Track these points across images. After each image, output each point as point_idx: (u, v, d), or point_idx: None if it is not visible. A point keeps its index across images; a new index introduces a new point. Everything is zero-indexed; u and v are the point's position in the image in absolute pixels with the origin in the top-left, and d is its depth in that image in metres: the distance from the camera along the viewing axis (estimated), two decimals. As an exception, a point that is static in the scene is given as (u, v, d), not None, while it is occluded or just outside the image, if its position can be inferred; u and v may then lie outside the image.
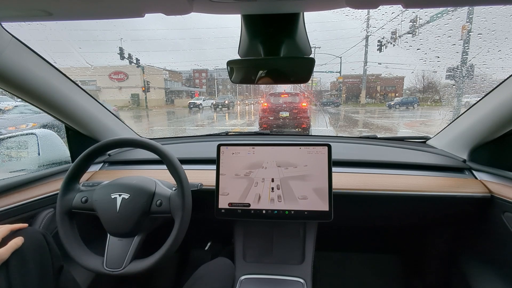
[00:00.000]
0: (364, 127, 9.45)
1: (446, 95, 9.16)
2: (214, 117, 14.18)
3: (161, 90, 28.74)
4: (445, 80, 9.65)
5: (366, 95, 30.16)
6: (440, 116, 9.85)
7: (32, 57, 0.79)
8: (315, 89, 34.52)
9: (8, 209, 0.79)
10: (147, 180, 0.80)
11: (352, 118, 12.75)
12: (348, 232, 1.41)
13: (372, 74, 34.52)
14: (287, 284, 0.87)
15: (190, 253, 1.48)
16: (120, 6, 0.44)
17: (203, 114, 17.00)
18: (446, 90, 9.28)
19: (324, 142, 0.85)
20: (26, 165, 1.12)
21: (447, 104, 6.33)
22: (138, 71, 22.53)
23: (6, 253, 0.58)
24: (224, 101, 19.56)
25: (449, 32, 2.26)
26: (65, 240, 0.73)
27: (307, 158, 0.84)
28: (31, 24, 0.73)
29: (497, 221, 0.85)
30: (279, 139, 1.29)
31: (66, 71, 0.92)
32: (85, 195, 0.76)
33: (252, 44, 0.63)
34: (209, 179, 0.89)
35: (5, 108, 6.74)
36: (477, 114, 0.93)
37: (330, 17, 66.32)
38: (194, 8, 0.45)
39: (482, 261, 0.95)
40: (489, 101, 0.89)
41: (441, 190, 0.90)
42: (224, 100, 19.84)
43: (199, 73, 55.38)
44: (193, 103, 20.59)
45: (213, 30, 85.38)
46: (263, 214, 0.84)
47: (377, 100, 33.92)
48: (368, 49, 14.64)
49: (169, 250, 0.70)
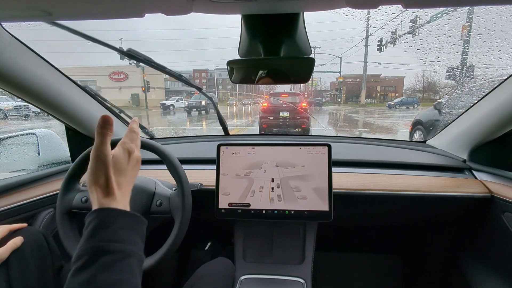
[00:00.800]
0: (364, 127, 9.44)
1: (446, 95, 9.17)
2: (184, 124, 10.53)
3: (161, 90, 28.76)
4: (445, 80, 9.66)
5: (366, 95, 30.17)
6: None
7: (32, 57, 0.79)
8: (315, 89, 34.51)
9: (8, 209, 0.79)
10: (147, 180, 0.80)
11: (352, 118, 12.75)
12: (348, 232, 1.41)
13: (372, 74, 34.56)
14: (287, 284, 0.87)
15: (190, 253, 1.48)
16: (120, 6, 0.44)
17: (174, 117, 13.98)
18: (446, 90, 9.29)
19: (324, 142, 0.85)
20: (26, 165, 1.11)
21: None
22: (138, 71, 22.53)
23: (5, 253, 0.58)
24: (200, 102, 13.86)
25: (449, 32, 2.26)
26: (65, 240, 0.73)
27: (307, 158, 0.84)
28: (31, 24, 0.73)
29: (497, 221, 0.85)
30: (279, 139, 1.30)
31: (66, 71, 0.93)
32: (85, 195, 0.76)
33: (252, 44, 0.63)
34: (209, 179, 0.89)
35: (5, 108, 6.75)
36: (477, 114, 0.94)
37: (330, 17, 66.36)
38: (194, 8, 0.45)
39: (482, 261, 0.95)
40: (489, 101, 0.89)
41: (441, 190, 0.90)
42: (199, 100, 13.90)
43: (199, 73, 55.38)
44: (163, 103, 17.11)
45: (213, 30, 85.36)
46: (263, 214, 0.84)
47: (377, 100, 33.93)
48: (368, 49, 14.65)
49: (169, 250, 0.70)
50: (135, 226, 0.43)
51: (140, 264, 0.41)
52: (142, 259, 0.42)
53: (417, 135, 4.43)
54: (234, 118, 12.32)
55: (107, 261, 0.36)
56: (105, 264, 0.36)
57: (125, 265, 0.38)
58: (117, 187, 0.44)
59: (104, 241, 0.38)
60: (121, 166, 0.46)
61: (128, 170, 0.48)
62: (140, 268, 0.41)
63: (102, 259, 0.36)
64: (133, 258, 0.39)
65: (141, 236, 0.44)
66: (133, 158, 0.49)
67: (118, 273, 0.36)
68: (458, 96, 4.22)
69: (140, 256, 0.42)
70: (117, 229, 0.40)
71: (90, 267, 0.36)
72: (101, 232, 0.38)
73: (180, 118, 13.51)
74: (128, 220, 0.42)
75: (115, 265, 0.37)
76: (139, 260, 0.41)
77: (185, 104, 15.32)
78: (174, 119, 13.26)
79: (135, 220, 0.44)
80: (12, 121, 6.73)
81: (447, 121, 1.13)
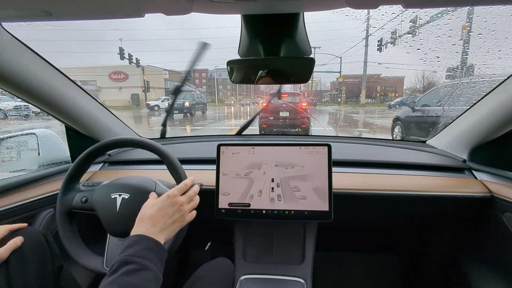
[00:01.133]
0: (364, 127, 9.43)
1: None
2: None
3: (161, 90, 28.75)
4: (445, 80, 9.66)
5: (366, 95, 30.14)
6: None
7: (32, 57, 0.79)
8: (315, 89, 34.50)
9: (8, 209, 0.79)
10: (147, 180, 0.80)
11: (352, 118, 12.73)
12: (348, 232, 1.41)
13: (372, 74, 34.56)
14: (287, 284, 0.87)
15: (190, 253, 1.48)
16: (120, 6, 0.44)
17: (156, 119, 12.57)
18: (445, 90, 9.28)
19: (324, 142, 0.85)
20: (26, 165, 1.11)
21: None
22: (138, 71, 22.52)
23: (5, 253, 0.58)
24: (183, 103, 11.77)
25: (449, 32, 2.26)
26: (65, 240, 0.73)
27: (307, 158, 0.84)
28: (31, 24, 0.73)
29: (497, 221, 0.85)
30: (279, 139, 1.30)
31: (66, 71, 0.93)
32: (85, 195, 0.76)
33: (252, 44, 0.63)
34: (209, 179, 0.89)
35: (5, 108, 6.74)
36: (477, 114, 0.94)
37: (330, 17, 66.32)
38: (194, 8, 0.45)
39: (482, 261, 0.95)
40: (489, 101, 0.89)
41: (441, 190, 0.90)
42: (182, 101, 11.74)
43: (199, 73, 55.38)
44: (147, 104, 15.76)
45: (213, 30, 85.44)
46: (263, 214, 0.84)
47: (377, 100, 33.92)
48: (368, 49, 14.64)
49: (169, 250, 0.70)
50: (156, 249, 0.52)
51: (157, 281, 0.49)
52: (159, 277, 0.50)
53: (396, 130, 5.22)
54: (232, 118, 11.68)
55: (130, 269, 0.46)
56: (128, 271, 0.46)
57: (144, 275, 0.47)
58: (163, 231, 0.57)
59: (130, 256, 0.48)
60: (177, 218, 0.60)
61: (177, 224, 0.61)
62: (156, 284, 0.49)
63: (126, 267, 0.46)
64: (151, 272, 0.48)
65: (161, 260, 0.53)
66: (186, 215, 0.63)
67: (136, 279, 0.46)
68: (428, 95, 4.63)
69: (158, 274, 0.49)
70: (142, 248, 0.50)
71: (117, 272, 0.46)
72: (129, 249, 0.50)
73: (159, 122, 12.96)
74: (151, 244, 0.52)
75: (136, 273, 0.46)
76: (157, 277, 0.49)
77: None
78: (154, 122, 11.80)
79: (157, 246, 0.53)
80: (12, 121, 6.72)
81: (419, 116, 1.17)
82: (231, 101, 27.04)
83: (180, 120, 11.31)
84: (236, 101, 27.63)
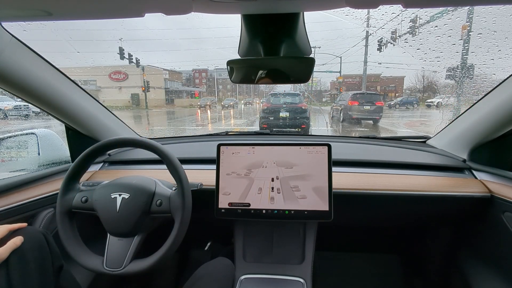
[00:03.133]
0: (365, 127, 9.42)
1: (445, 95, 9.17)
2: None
3: (161, 90, 28.72)
4: (445, 80, 9.66)
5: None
6: (440, 116, 9.83)
7: (32, 57, 0.79)
8: (315, 89, 34.49)
9: (8, 209, 0.79)
10: (147, 180, 0.80)
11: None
12: (348, 232, 1.41)
13: (372, 74, 34.54)
14: (287, 284, 0.87)
15: (190, 253, 1.48)
16: (120, 6, 0.44)
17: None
18: (445, 90, 9.30)
19: (324, 142, 0.85)
20: (26, 165, 1.11)
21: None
22: (138, 71, 22.50)
23: (4, 253, 0.58)
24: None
25: (449, 32, 2.26)
26: (65, 240, 0.73)
27: (307, 158, 0.84)
28: (31, 24, 0.73)
29: (497, 221, 0.85)
30: (279, 139, 1.29)
31: (66, 71, 0.93)
32: (85, 195, 0.76)
33: (252, 44, 0.63)
34: (209, 179, 0.89)
35: (5, 108, 6.74)
36: (477, 113, 0.93)
37: (330, 17, 66.33)
38: (194, 8, 0.45)
39: (482, 261, 0.95)
40: (489, 100, 0.89)
41: (441, 190, 0.90)
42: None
43: (199, 73, 55.38)
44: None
45: (213, 30, 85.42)
46: (263, 214, 0.84)
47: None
48: (368, 49, 14.61)
49: (169, 250, 0.70)
50: None
51: None
52: None
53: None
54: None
55: None
56: None
57: None
58: None
59: None
60: None
61: None
62: None
63: None
64: None
65: None
66: None
67: None
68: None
69: None
70: None
71: None
72: None
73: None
74: None
75: None
76: None
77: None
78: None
79: None
80: (12, 121, 6.72)
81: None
82: (231, 101, 22.83)
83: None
84: (234, 102, 22.85)
